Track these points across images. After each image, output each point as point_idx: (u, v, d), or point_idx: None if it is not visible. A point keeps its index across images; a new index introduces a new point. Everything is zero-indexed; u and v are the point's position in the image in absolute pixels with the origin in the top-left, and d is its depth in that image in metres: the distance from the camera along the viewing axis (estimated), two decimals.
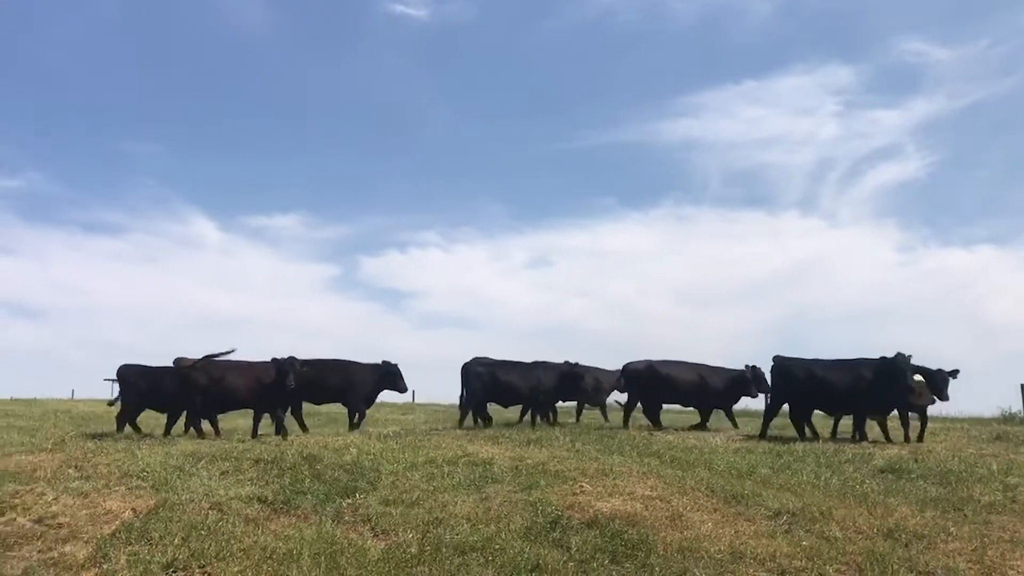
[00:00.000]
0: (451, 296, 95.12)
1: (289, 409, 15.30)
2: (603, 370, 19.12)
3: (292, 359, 14.16)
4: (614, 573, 6.58)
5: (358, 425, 16.41)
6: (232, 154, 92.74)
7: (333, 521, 7.85)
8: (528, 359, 18.13)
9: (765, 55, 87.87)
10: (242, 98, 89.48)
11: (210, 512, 7.77)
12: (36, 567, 6.35)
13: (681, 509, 8.08)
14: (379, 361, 17.24)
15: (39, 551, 6.70)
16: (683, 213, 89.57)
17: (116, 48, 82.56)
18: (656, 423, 17.12)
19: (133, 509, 7.75)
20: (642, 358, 17.58)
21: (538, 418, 18.07)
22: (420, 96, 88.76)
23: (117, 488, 8.50)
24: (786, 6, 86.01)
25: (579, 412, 20.27)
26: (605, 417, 19.74)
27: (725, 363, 18.40)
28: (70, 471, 9.36)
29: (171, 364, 14.40)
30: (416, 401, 31.84)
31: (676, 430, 16.08)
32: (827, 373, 14.71)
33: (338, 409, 18.87)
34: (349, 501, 8.49)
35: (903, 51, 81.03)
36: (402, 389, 17.60)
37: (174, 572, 6.39)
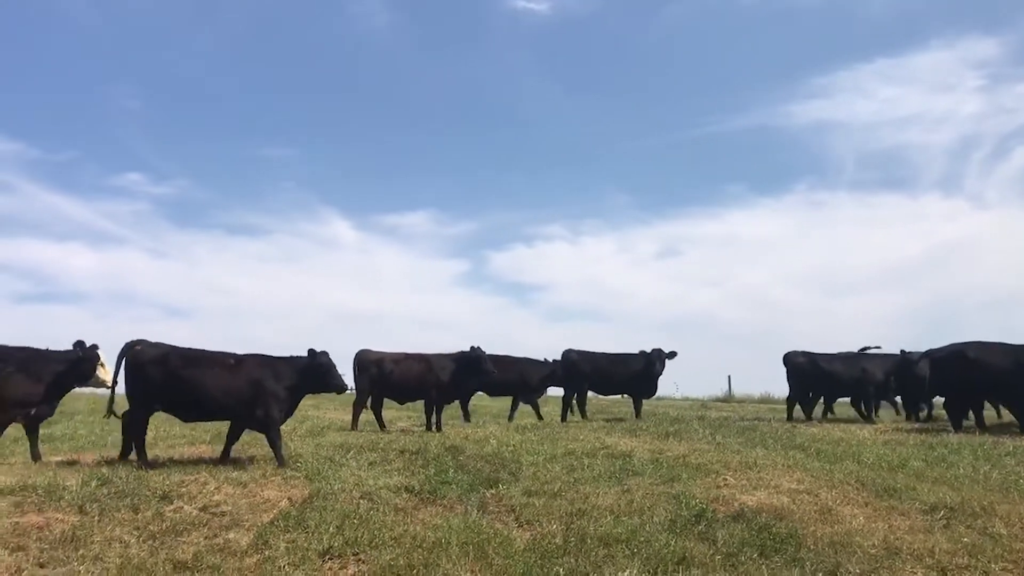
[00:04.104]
0: (578, 289, 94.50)
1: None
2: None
3: (479, 349, 14.73)
4: (763, 567, 6.39)
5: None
6: (363, 155, 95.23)
7: (478, 511, 7.98)
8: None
9: (898, 31, 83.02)
10: (370, 100, 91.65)
11: (361, 501, 8.04)
12: (204, 552, 6.67)
13: (830, 503, 7.83)
14: (646, 350, 18.21)
15: (205, 537, 7.05)
16: (817, 198, 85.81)
17: (250, 58, 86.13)
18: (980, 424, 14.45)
19: (289, 498, 8.10)
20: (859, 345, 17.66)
21: (863, 410, 17.71)
22: (543, 90, 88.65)
23: (273, 478, 8.90)
24: None
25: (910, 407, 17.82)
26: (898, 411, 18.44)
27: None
28: (229, 462, 9.90)
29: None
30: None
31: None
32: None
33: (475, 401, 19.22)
34: (492, 491, 8.61)
35: None
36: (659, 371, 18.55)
37: (330, 559, 6.62)
